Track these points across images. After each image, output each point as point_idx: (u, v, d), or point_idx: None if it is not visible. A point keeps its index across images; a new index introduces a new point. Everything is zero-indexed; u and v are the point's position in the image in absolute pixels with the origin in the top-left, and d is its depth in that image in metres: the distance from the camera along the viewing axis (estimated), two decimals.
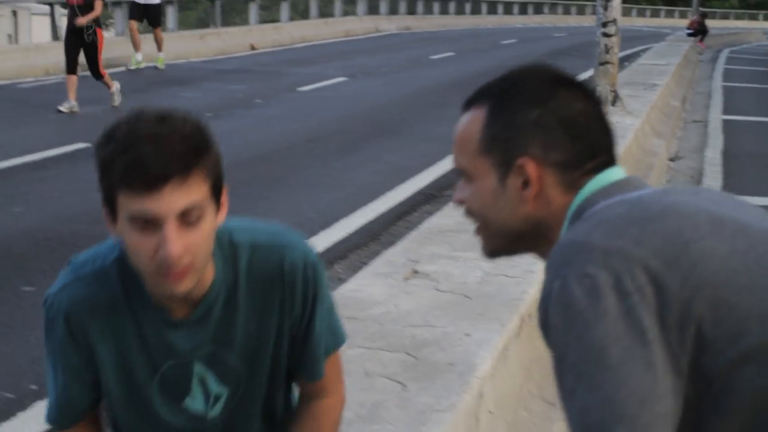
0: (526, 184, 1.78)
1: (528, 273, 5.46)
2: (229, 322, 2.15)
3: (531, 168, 1.77)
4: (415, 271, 5.50)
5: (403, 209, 9.39)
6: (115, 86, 15.87)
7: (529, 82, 1.86)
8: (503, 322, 4.68)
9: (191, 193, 1.88)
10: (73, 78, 15.41)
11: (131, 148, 1.85)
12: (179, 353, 2.15)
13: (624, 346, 1.53)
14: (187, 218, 1.89)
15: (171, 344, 2.14)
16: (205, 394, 2.21)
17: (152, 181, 1.84)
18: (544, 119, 1.78)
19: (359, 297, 5.02)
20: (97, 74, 15.81)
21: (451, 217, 6.87)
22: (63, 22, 19.35)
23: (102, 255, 2.16)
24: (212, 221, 1.97)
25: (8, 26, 47.29)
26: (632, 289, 1.55)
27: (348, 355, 4.16)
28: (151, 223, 1.87)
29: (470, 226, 5.95)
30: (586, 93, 1.85)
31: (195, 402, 2.22)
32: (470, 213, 1.89)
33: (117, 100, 15.80)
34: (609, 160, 1.83)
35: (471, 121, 1.87)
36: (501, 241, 1.88)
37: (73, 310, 2.11)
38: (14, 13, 48.08)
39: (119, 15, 26.57)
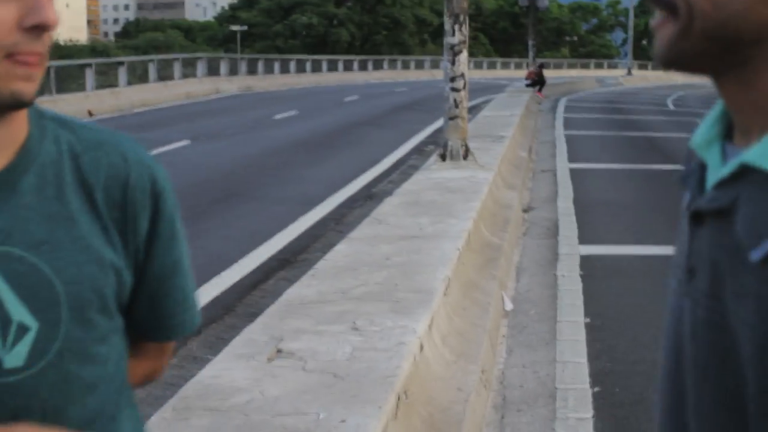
0: None
1: (399, 345, 5.19)
2: (49, 214, 1.47)
3: None
4: (279, 350, 5.15)
5: (257, 277, 9.11)
6: None
7: None
8: (379, 403, 4.35)
9: None
10: None
11: None
12: None
13: None
14: None
15: None
16: (2, 323, 1.41)
17: None
18: None
19: (220, 384, 4.64)
20: None
21: (311, 287, 6.55)
22: None
23: None
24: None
25: None
26: None
27: None
28: None
29: (332, 297, 5.62)
30: None
31: None
32: None
33: None
34: None
35: None
36: (701, 46, 1.19)
37: None
38: None
39: None
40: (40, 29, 1.34)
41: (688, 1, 1.16)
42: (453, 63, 14.15)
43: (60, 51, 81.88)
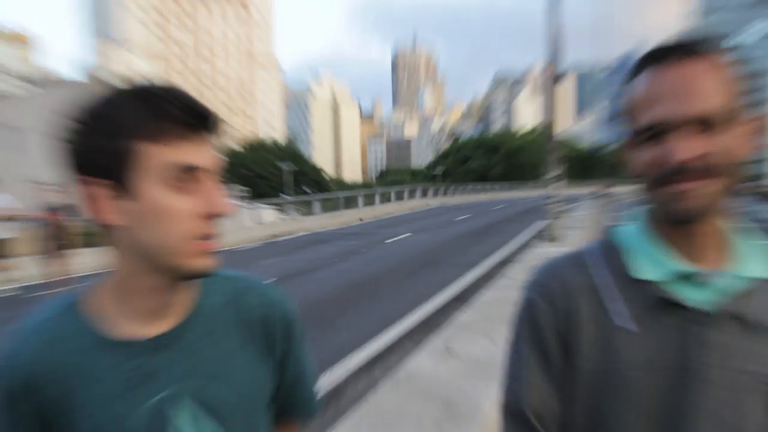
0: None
1: None
2: (215, 354, 1.09)
3: None
4: (448, 350, 5.15)
5: (444, 307, 8.82)
6: None
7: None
8: (499, 379, 4.33)
9: (214, 151, 0.97)
10: None
11: (165, 90, 0.92)
12: (154, 390, 1.02)
13: None
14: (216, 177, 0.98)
15: (145, 380, 1.02)
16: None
17: (201, 122, 0.93)
18: None
19: (415, 369, 4.67)
20: None
21: (467, 315, 6.49)
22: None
23: (48, 309, 1.05)
24: None
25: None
26: None
27: (408, 408, 3.84)
28: (192, 178, 0.93)
29: (480, 321, 5.46)
30: None
31: None
32: (712, 166, 0.95)
33: None
34: None
35: (719, 70, 0.95)
36: (721, 198, 0.97)
37: (23, 368, 0.98)
38: None
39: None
40: (215, 217, 0.96)
41: (725, 166, 0.94)
42: (552, 186, 13.88)
43: (346, 186, 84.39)
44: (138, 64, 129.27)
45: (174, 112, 0.90)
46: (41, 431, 1.00)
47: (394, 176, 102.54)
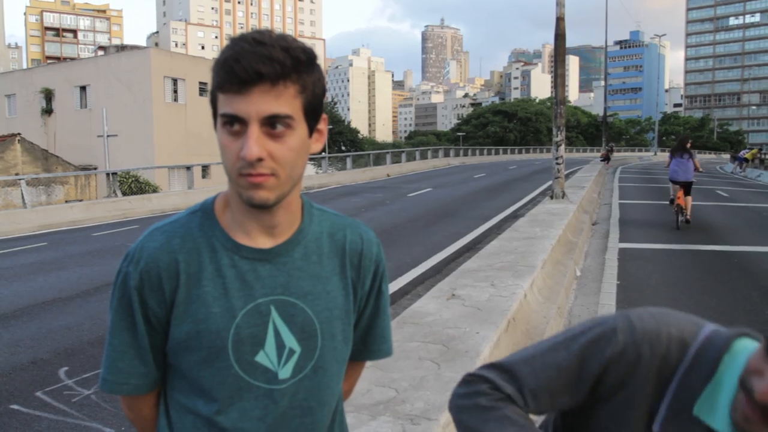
0: None
1: (513, 294, 4.86)
2: (312, 274, 1.10)
3: None
4: (453, 294, 4.93)
5: (455, 255, 8.80)
6: None
7: None
8: (498, 324, 4.08)
9: (280, 102, 0.98)
10: None
11: (233, 47, 0.98)
12: (258, 295, 1.06)
13: None
14: (273, 126, 0.98)
15: (252, 285, 1.06)
16: (278, 347, 1.07)
17: (243, 78, 0.96)
18: None
19: (421, 311, 4.47)
20: None
21: (474, 262, 6.29)
22: None
23: (180, 213, 1.12)
24: (302, 139, 1.02)
25: None
26: None
27: (410, 346, 3.63)
28: (238, 125, 0.98)
29: (484, 268, 5.22)
30: None
31: (267, 355, 1.07)
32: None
33: None
34: None
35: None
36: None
37: (151, 258, 1.05)
38: None
39: None
40: (245, 160, 0.99)
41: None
42: (557, 150, 13.46)
43: (377, 145, 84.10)
44: (196, 34, 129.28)
45: (234, 70, 0.96)
46: (148, 323, 1.07)
47: (421, 137, 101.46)
